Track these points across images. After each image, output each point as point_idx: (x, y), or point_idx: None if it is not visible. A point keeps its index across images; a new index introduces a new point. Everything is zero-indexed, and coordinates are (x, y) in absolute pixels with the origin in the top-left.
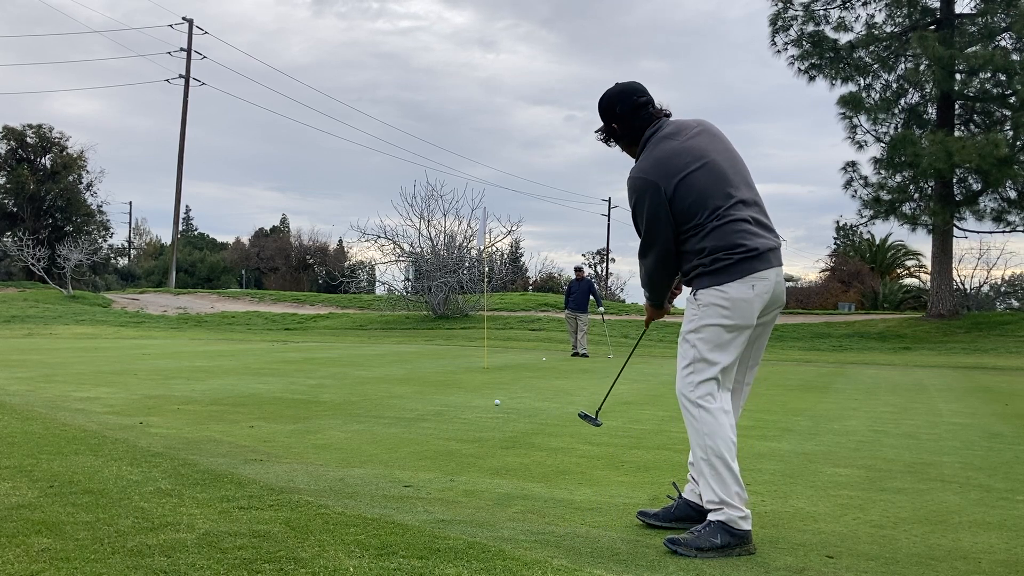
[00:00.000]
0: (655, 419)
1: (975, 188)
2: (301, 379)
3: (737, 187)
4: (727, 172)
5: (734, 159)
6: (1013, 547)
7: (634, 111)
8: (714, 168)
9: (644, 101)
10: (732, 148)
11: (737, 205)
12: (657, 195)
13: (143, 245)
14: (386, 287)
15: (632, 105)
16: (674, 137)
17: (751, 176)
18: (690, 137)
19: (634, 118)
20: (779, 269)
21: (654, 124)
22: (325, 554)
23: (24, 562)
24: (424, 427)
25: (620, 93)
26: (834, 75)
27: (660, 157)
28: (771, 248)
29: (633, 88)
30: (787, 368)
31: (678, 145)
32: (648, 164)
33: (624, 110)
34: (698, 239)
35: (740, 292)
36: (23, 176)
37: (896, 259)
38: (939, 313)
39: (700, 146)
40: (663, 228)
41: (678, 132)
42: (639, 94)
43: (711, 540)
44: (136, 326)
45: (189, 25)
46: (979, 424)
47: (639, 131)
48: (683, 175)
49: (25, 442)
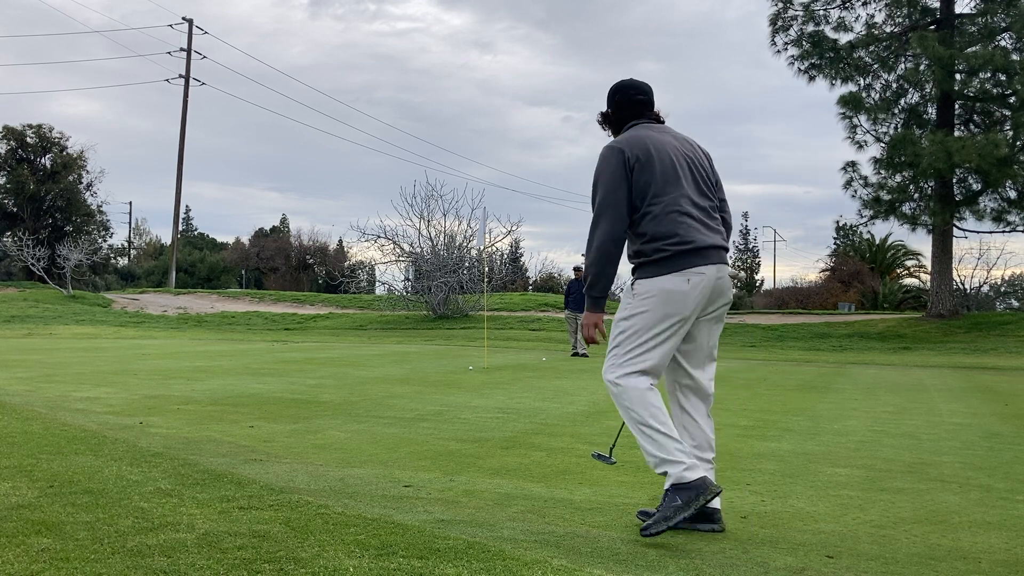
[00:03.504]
0: None
1: (975, 188)
2: (301, 379)
3: (690, 187)
4: (687, 172)
5: (701, 169)
6: (1013, 547)
7: (629, 105)
8: (676, 165)
9: (642, 100)
10: (705, 163)
11: (684, 200)
12: (621, 160)
13: (143, 245)
14: (386, 287)
15: (629, 99)
16: (652, 130)
17: (718, 190)
18: (669, 137)
19: (626, 110)
20: (720, 266)
21: (641, 121)
22: (325, 554)
23: (24, 562)
24: (424, 427)
25: (624, 86)
26: (834, 75)
27: (633, 136)
28: (712, 245)
29: (637, 86)
30: (787, 368)
31: (654, 135)
32: (621, 138)
33: (621, 100)
34: (643, 224)
35: (675, 285)
36: (23, 176)
37: (896, 259)
38: (939, 313)
39: (672, 145)
40: (621, 195)
41: (659, 130)
42: (640, 92)
43: (672, 506)
44: (136, 326)
45: (189, 25)
46: (979, 424)
47: (625, 122)
48: (647, 157)
49: (25, 442)
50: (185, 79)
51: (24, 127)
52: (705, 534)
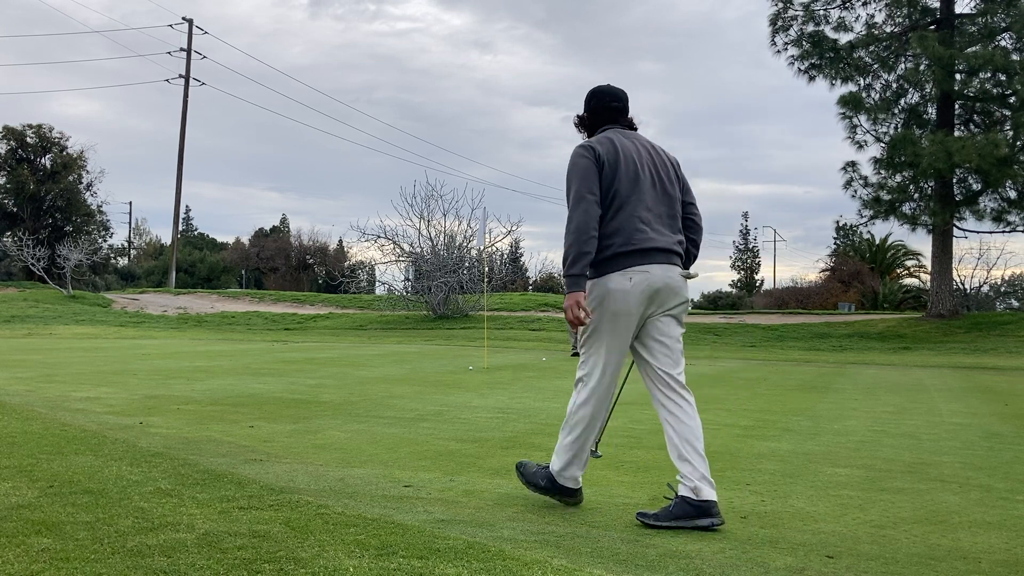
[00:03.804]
0: (655, 419)
1: (975, 188)
2: (301, 379)
3: (649, 193)
4: (648, 179)
5: (664, 176)
6: (1013, 547)
7: (604, 110)
8: (639, 171)
9: (617, 107)
10: (670, 170)
11: (640, 205)
12: (593, 157)
13: (143, 245)
14: (386, 287)
15: (605, 105)
16: (627, 136)
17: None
18: (637, 144)
19: (601, 115)
20: (667, 267)
21: (614, 127)
22: (325, 554)
23: (24, 562)
24: (424, 427)
25: (601, 92)
26: (834, 75)
27: (603, 137)
28: (660, 248)
29: (613, 92)
30: (787, 368)
31: (624, 141)
32: (592, 139)
33: (596, 106)
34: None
35: (618, 283)
36: (23, 176)
37: (896, 259)
38: (939, 313)
39: (639, 152)
40: (594, 186)
41: (629, 136)
42: (616, 99)
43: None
44: (136, 326)
45: (189, 25)
46: (979, 424)
47: (599, 127)
48: (615, 160)
49: (25, 442)
50: (185, 79)
51: (24, 127)
52: (705, 534)
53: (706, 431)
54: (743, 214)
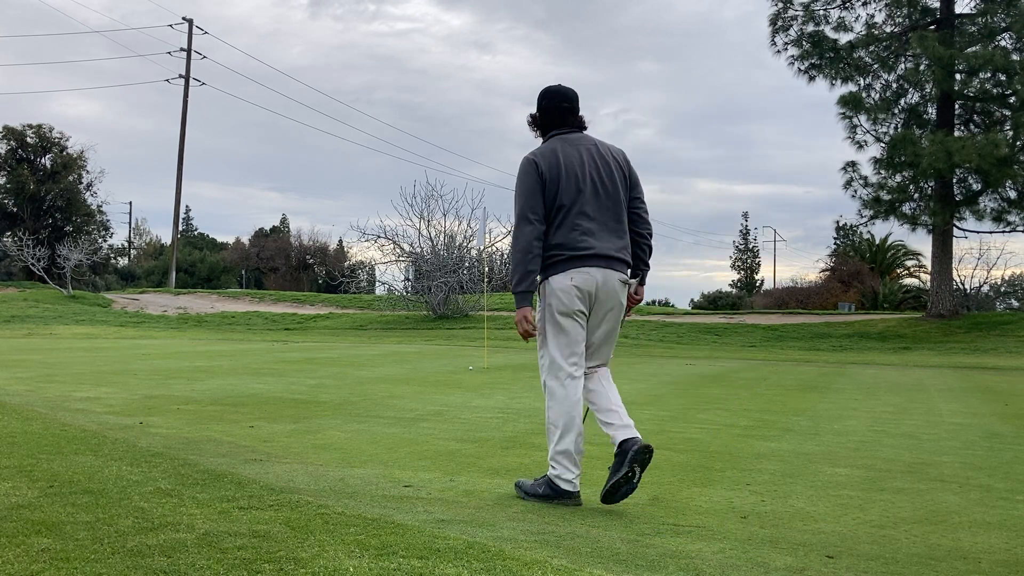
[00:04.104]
0: (655, 419)
1: (975, 188)
2: (301, 379)
3: (591, 200)
4: (589, 186)
5: (607, 180)
6: (1013, 547)
7: (555, 111)
8: (579, 179)
9: (567, 107)
10: (614, 173)
11: (581, 214)
12: (536, 172)
13: (143, 245)
14: (386, 287)
15: (555, 106)
16: (567, 143)
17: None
18: (582, 149)
19: (551, 115)
20: (607, 271)
21: (564, 128)
22: (325, 554)
23: (24, 562)
24: (424, 427)
25: (551, 92)
26: (834, 75)
27: (548, 149)
28: (600, 254)
29: (564, 93)
30: (787, 368)
31: (567, 149)
32: (538, 151)
33: (547, 106)
34: (547, 232)
35: (560, 284)
36: (23, 176)
37: (896, 259)
38: (939, 313)
39: (580, 159)
40: (537, 201)
41: (574, 141)
42: (566, 100)
43: (537, 491)
44: (136, 326)
45: (189, 25)
46: (979, 424)
47: (549, 128)
48: (556, 172)
49: (25, 442)
50: (185, 79)
51: (24, 127)
52: (705, 534)
53: (706, 431)
54: (743, 214)
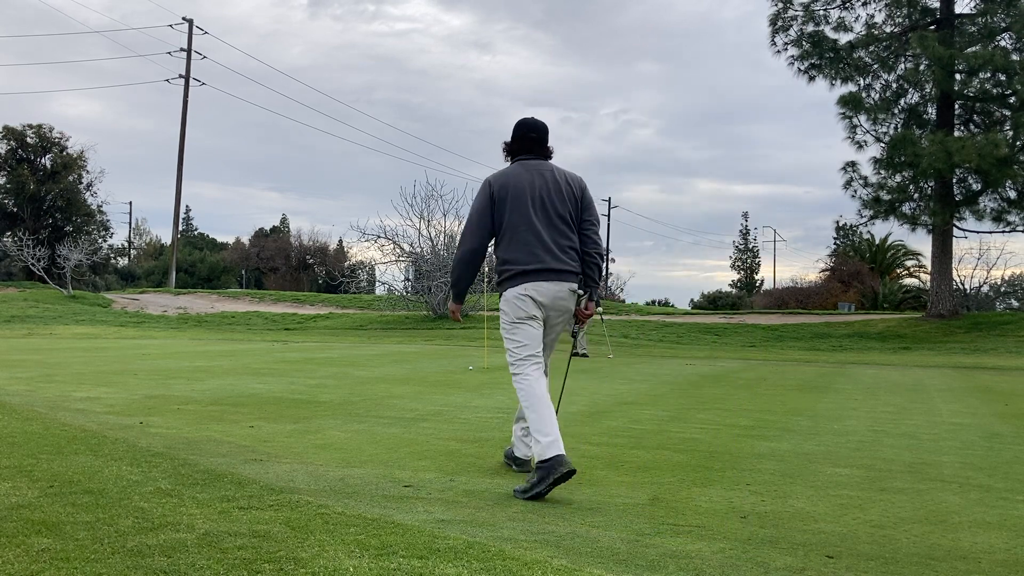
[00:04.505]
0: (655, 419)
1: (975, 188)
2: (301, 379)
3: (540, 220)
4: (539, 209)
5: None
6: (1013, 547)
7: (523, 139)
8: (530, 202)
9: (534, 137)
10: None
11: (530, 233)
12: (488, 193)
13: (143, 245)
14: (386, 287)
15: (523, 135)
16: (527, 168)
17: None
18: (537, 175)
19: (520, 143)
20: (551, 284)
21: (529, 156)
22: (325, 554)
23: (24, 562)
24: (424, 427)
25: (522, 124)
26: (834, 75)
27: (504, 173)
28: (547, 268)
29: (532, 125)
30: (787, 368)
31: (524, 173)
32: (496, 173)
33: (517, 135)
34: (499, 248)
35: (513, 295)
36: (23, 176)
37: (896, 259)
38: (939, 313)
39: (534, 184)
40: (484, 220)
41: (532, 168)
42: (533, 131)
43: (532, 481)
44: (136, 326)
45: (189, 25)
46: (979, 424)
47: (516, 154)
48: (506, 194)
49: (25, 442)
50: (185, 79)
51: (24, 127)
52: (705, 534)
53: (706, 431)
54: (743, 214)
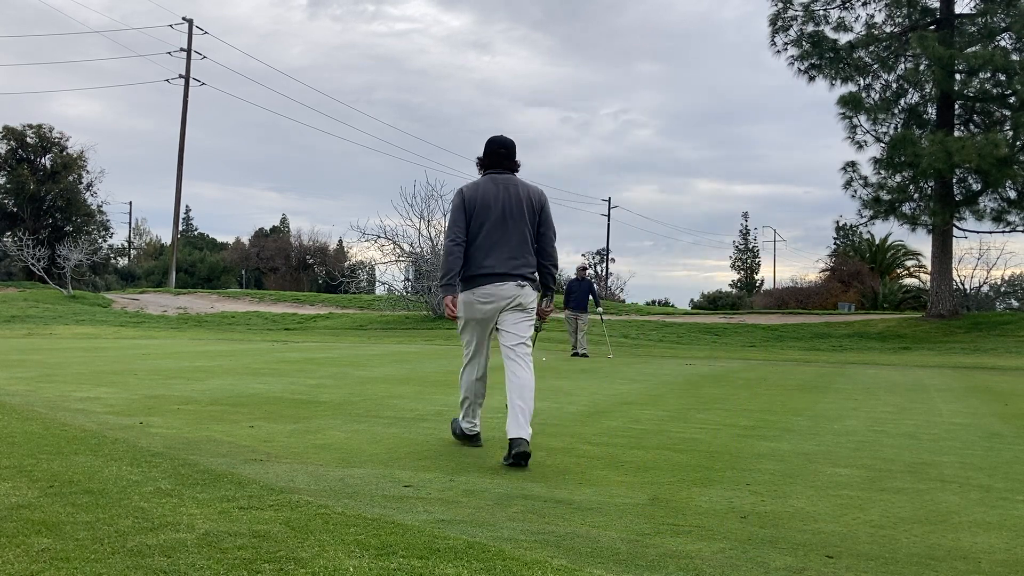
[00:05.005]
0: (655, 419)
1: (975, 188)
2: (301, 379)
3: (500, 229)
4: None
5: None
6: (1013, 547)
7: (493, 155)
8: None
9: (503, 153)
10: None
11: (490, 240)
12: (462, 200)
13: (143, 245)
14: (386, 287)
15: (493, 151)
16: (496, 183)
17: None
18: (502, 188)
19: (490, 158)
20: (501, 285)
21: (497, 169)
22: (325, 554)
23: (24, 562)
24: (424, 427)
25: (493, 140)
26: (834, 75)
27: (476, 184)
28: (498, 272)
29: (501, 142)
30: (787, 368)
31: (492, 187)
32: (469, 184)
33: (488, 151)
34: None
35: (467, 298)
36: (23, 176)
37: (896, 259)
38: (939, 313)
39: (500, 196)
40: (460, 222)
41: (500, 181)
42: (502, 147)
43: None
44: (136, 326)
45: (189, 25)
46: (979, 424)
47: (488, 167)
48: (474, 204)
49: (25, 442)
50: (185, 79)
51: (24, 127)
52: (705, 534)
53: (706, 431)
54: (743, 214)
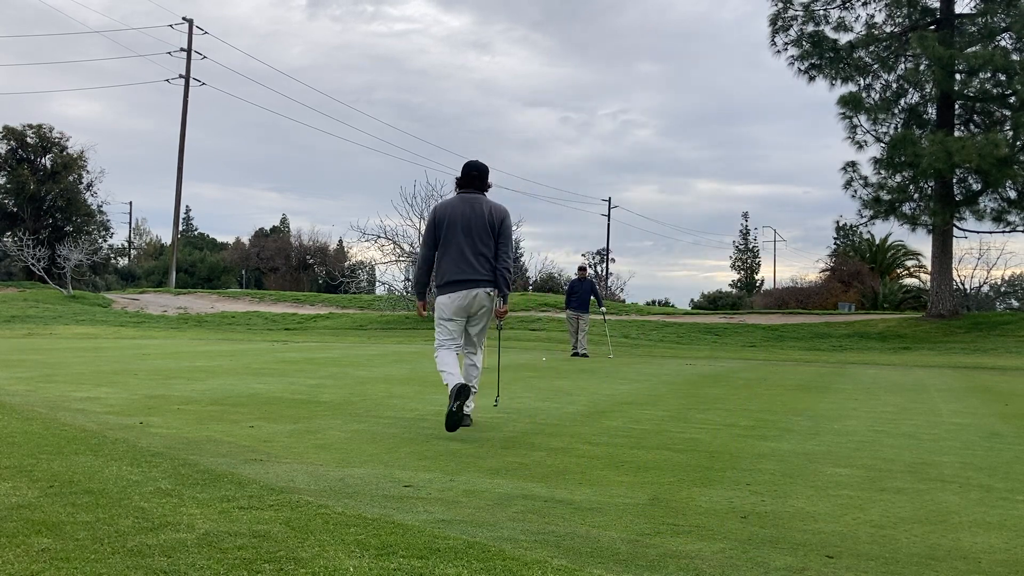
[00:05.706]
0: (655, 419)
1: (975, 188)
2: (301, 379)
3: (465, 241)
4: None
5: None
6: (1013, 547)
7: (466, 176)
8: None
9: (475, 175)
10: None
11: (457, 252)
12: (433, 217)
13: (143, 245)
14: (386, 287)
15: (466, 173)
16: (464, 200)
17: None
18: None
19: (463, 179)
20: (470, 290)
21: (468, 189)
22: (325, 554)
23: (24, 562)
24: (424, 427)
25: (468, 164)
26: (834, 75)
27: (448, 201)
28: (466, 279)
29: (474, 165)
30: (787, 368)
31: (460, 204)
32: (442, 201)
33: (463, 172)
34: (437, 261)
35: (441, 300)
36: (23, 176)
37: (896, 259)
38: (939, 313)
39: (464, 213)
40: (429, 237)
41: (468, 200)
42: (474, 170)
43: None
44: (136, 326)
45: (189, 25)
46: (979, 424)
47: (461, 187)
48: (443, 219)
49: (25, 442)
50: (185, 79)
51: (24, 127)
52: (705, 534)
53: (706, 431)
54: (743, 214)
